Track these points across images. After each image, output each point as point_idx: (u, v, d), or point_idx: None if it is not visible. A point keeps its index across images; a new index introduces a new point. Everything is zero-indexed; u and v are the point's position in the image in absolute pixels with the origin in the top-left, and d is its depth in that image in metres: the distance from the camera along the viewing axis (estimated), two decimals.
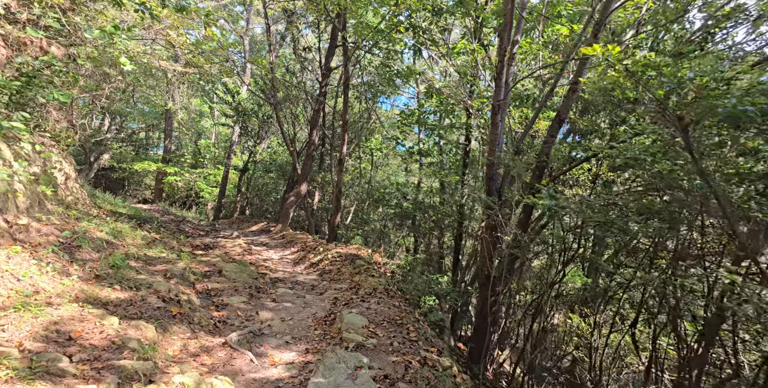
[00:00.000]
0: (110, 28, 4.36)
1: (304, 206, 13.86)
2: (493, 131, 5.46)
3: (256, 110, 14.51)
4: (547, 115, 6.30)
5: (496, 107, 5.36)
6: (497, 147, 5.48)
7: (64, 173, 7.93)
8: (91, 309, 3.65)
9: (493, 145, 5.49)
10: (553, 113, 5.99)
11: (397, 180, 16.94)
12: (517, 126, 6.54)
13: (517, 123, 6.59)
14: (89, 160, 22.01)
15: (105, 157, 23.47)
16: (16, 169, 4.65)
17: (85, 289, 4.00)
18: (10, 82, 4.17)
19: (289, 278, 7.18)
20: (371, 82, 11.41)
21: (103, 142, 22.74)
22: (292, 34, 11.33)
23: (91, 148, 22.18)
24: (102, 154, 22.93)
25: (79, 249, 4.78)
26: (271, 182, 19.55)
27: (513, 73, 5.51)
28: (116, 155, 24.89)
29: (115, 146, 24.24)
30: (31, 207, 4.79)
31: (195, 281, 5.63)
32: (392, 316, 4.98)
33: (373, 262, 7.76)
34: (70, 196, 8.02)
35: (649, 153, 3.13)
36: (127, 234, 6.70)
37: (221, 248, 8.74)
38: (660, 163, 3.04)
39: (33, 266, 3.77)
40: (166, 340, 3.81)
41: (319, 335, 4.72)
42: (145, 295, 4.35)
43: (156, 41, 10.49)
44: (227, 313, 4.99)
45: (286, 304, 5.61)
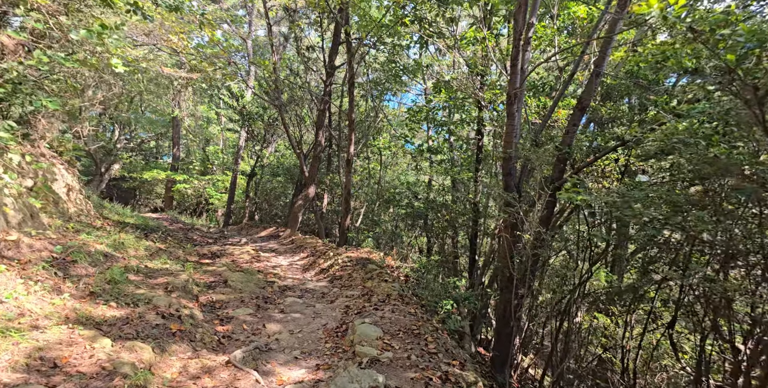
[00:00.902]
0: (97, 28, 4.09)
1: (313, 209, 13.58)
2: (509, 122, 5.06)
3: (261, 113, 14.30)
4: (567, 102, 5.86)
5: (512, 96, 4.95)
6: (514, 139, 5.08)
7: (66, 185, 7.76)
8: (82, 331, 3.37)
9: (509, 138, 5.09)
10: (573, 101, 5.56)
11: (407, 179, 16.57)
12: (534, 116, 6.13)
13: (534, 113, 6.17)
14: (100, 171, 22.11)
15: (115, 167, 23.58)
16: (6, 182, 4.42)
17: (78, 308, 3.73)
18: None
19: (298, 286, 6.88)
20: (377, 80, 11.06)
21: (112, 152, 22.86)
22: (294, 34, 11.07)
23: (102, 159, 22.29)
24: (112, 164, 23.04)
25: (74, 264, 4.53)
26: (279, 186, 19.37)
27: (528, 60, 5.10)
28: (127, 165, 25.02)
29: (125, 156, 24.35)
30: (24, 221, 4.56)
31: (198, 293, 5.35)
32: (408, 325, 4.62)
33: (386, 266, 7.41)
34: (73, 208, 7.84)
35: (701, 135, 2.70)
36: (129, 245, 6.46)
37: (229, 255, 8.49)
38: (717, 146, 2.61)
39: (19, 286, 3.51)
40: (164, 361, 3.51)
41: (331, 348, 4.38)
42: (143, 311, 4.07)
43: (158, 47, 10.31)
44: (232, 327, 4.69)
45: (295, 314, 5.29)
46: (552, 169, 4.92)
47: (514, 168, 5.13)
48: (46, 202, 6.23)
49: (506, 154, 5.07)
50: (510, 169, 5.09)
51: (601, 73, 4.62)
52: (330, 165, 14.95)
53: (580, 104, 4.82)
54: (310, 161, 12.57)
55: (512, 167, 5.10)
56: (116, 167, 23.83)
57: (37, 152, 6.77)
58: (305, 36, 11.86)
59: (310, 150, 14.01)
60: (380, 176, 13.01)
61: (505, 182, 5.08)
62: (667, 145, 3.06)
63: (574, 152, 4.82)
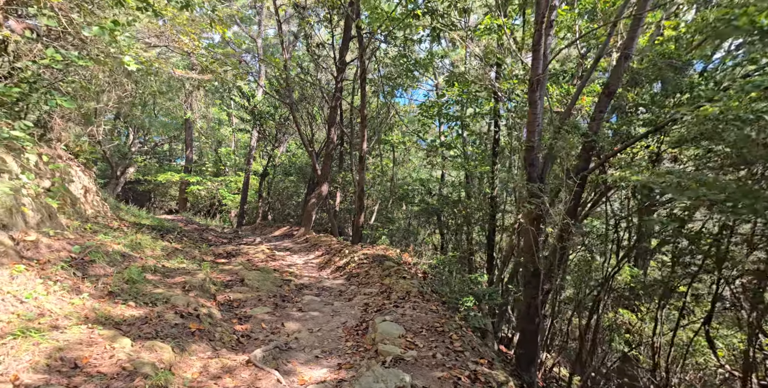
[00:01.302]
0: (110, 25, 4.04)
1: (327, 208, 13.52)
2: (531, 111, 4.87)
3: (272, 113, 14.27)
4: (592, 88, 5.62)
5: (534, 83, 4.76)
6: (537, 128, 4.89)
7: (83, 186, 7.81)
8: (102, 330, 3.32)
9: (532, 127, 4.90)
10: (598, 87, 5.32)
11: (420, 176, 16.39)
12: (556, 105, 5.91)
13: (556, 102, 5.95)
14: (116, 174, 22.43)
15: (131, 170, 23.90)
16: (23, 182, 4.41)
17: (97, 307, 3.68)
18: (9, 88, 3.89)
19: (315, 284, 6.79)
20: (388, 75, 10.92)
21: (127, 156, 23.17)
22: (304, 31, 10.99)
23: (117, 163, 22.60)
24: (127, 167, 23.35)
25: (93, 264, 4.50)
26: (292, 186, 19.38)
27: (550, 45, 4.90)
28: (141, 168, 25.36)
29: (139, 159, 24.66)
30: (42, 222, 4.55)
31: (216, 292, 5.30)
32: (431, 322, 4.49)
33: (403, 262, 7.28)
34: (91, 209, 7.89)
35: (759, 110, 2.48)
36: (146, 246, 6.46)
37: (244, 255, 8.46)
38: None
39: (39, 286, 3.47)
40: (184, 361, 3.44)
41: (352, 347, 4.27)
42: (161, 311, 4.01)
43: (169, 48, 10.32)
44: (251, 326, 4.61)
45: (313, 313, 5.20)
46: (577, 159, 4.71)
47: (537, 158, 4.93)
48: (63, 203, 6.25)
49: (529, 143, 4.88)
50: (533, 159, 4.90)
51: (630, 56, 4.40)
52: (342, 163, 14.87)
53: (607, 89, 4.60)
54: (322, 159, 12.50)
55: (535, 158, 4.91)
56: (131, 171, 24.16)
57: (54, 154, 6.80)
58: (315, 33, 11.78)
59: (322, 148, 13.95)
60: (393, 173, 12.87)
61: (528, 173, 4.89)
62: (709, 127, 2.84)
63: (601, 140, 4.61)
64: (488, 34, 7.02)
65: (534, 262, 4.85)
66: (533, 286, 4.87)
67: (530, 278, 4.91)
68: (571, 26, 6.17)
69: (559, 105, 6.00)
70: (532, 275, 4.88)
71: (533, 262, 4.87)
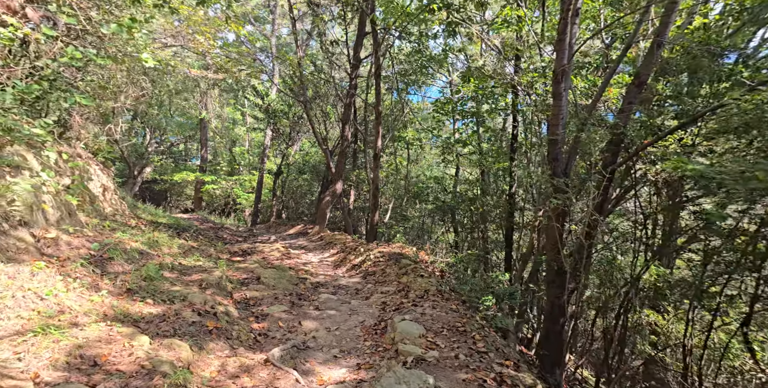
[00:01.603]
0: (127, 22, 4.02)
1: (341, 206, 13.47)
2: (555, 103, 4.68)
3: (286, 111, 14.28)
4: (620, 78, 5.37)
5: (558, 74, 4.58)
6: (561, 121, 4.70)
7: (101, 185, 7.89)
8: (121, 328, 3.29)
9: (556, 120, 4.71)
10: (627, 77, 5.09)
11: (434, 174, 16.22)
12: (581, 98, 5.68)
13: (580, 94, 5.73)
14: (133, 173, 22.83)
15: (147, 170, 24.31)
16: (44, 179, 4.44)
17: (116, 305, 3.66)
18: (30, 87, 3.90)
19: (331, 282, 6.72)
20: (403, 71, 10.78)
21: (144, 155, 23.56)
22: (318, 29, 10.93)
23: (135, 163, 23.01)
24: (144, 167, 23.75)
25: (111, 261, 4.50)
26: (306, 184, 19.41)
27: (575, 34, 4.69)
28: (158, 168, 25.78)
29: (156, 159, 25.07)
30: (62, 219, 4.57)
31: (232, 289, 5.26)
32: (452, 322, 4.36)
33: (420, 261, 7.16)
34: (109, 207, 7.98)
35: None
36: (163, 244, 6.48)
37: (259, 253, 8.45)
38: None
39: (59, 283, 3.46)
40: (202, 359, 3.40)
41: (371, 346, 4.18)
42: (179, 308, 3.98)
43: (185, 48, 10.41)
44: (268, 324, 4.56)
45: (330, 311, 5.12)
46: (604, 153, 4.51)
47: (561, 152, 4.74)
48: (83, 201, 6.30)
49: (553, 137, 4.69)
50: (556, 153, 4.71)
51: (663, 43, 4.18)
52: (356, 161, 14.81)
53: (638, 80, 4.38)
54: (336, 157, 12.44)
55: (559, 152, 4.72)
56: (148, 170, 24.57)
57: (73, 152, 6.87)
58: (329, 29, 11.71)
59: (335, 146, 13.90)
60: (407, 171, 12.74)
61: (551, 168, 4.71)
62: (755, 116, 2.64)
63: (632, 132, 4.39)
64: (506, 27, 6.81)
65: (558, 260, 4.68)
66: (557, 285, 4.70)
67: (554, 277, 4.74)
68: (596, 16, 5.93)
69: (584, 98, 5.77)
70: (557, 273, 4.70)
71: (557, 260, 4.70)
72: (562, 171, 4.71)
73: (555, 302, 4.73)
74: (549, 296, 4.81)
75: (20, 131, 3.82)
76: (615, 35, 6.11)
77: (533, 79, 6.61)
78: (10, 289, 3.06)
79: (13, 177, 3.95)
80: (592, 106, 4.83)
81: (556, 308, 4.67)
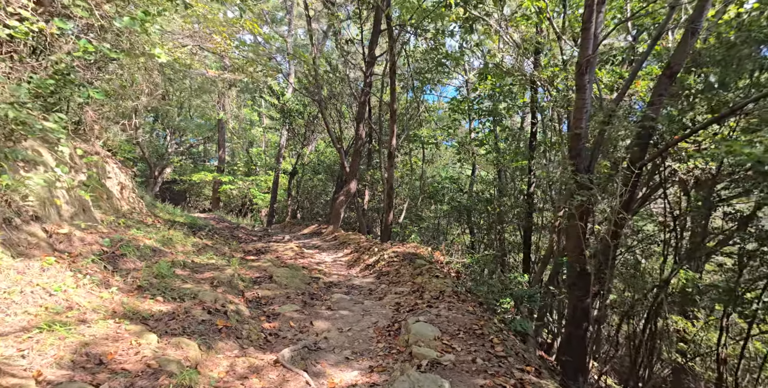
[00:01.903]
0: (140, 15, 3.99)
1: (355, 206, 13.37)
2: (579, 96, 4.44)
3: (301, 111, 14.29)
4: (650, 70, 5.07)
5: (582, 65, 4.33)
6: (584, 115, 4.45)
7: (119, 183, 7.98)
8: (129, 325, 3.22)
9: (579, 113, 4.47)
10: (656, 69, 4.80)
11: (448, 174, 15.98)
12: (606, 92, 5.40)
13: (605, 88, 5.44)
14: (154, 174, 23.30)
15: (167, 171, 24.78)
16: (58, 175, 4.45)
17: (125, 302, 3.61)
18: (44, 81, 3.90)
19: (344, 282, 6.61)
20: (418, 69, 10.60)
21: (164, 156, 24.03)
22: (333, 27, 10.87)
23: (155, 163, 23.48)
24: (165, 168, 24.21)
25: (123, 258, 4.48)
26: (320, 184, 19.41)
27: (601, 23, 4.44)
28: (177, 169, 26.26)
29: (175, 160, 25.54)
30: (76, 215, 4.58)
31: (244, 288, 5.19)
32: (468, 324, 4.17)
33: (435, 261, 6.98)
34: (126, 205, 8.05)
35: None
36: (177, 241, 6.47)
37: (273, 252, 8.40)
38: None
39: (69, 279, 3.43)
40: (210, 359, 3.31)
41: (384, 348, 4.03)
42: (189, 306, 3.91)
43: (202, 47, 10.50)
44: (279, 324, 4.45)
45: (342, 312, 4.99)
46: (632, 148, 4.24)
47: (585, 148, 4.49)
48: (99, 198, 6.36)
49: (576, 131, 4.44)
50: (580, 149, 4.46)
51: (697, 31, 3.90)
52: (370, 161, 14.71)
53: (669, 70, 4.10)
54: (350, 157, 12.36)
55: (582, 147, 4.47)
56: (168, 171, 25.05)
57: (91, 149, 6.95)
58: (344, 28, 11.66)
59: (350, 145, 13.82)
60: (422, 170, 12.56)
61: (574, 164, 4.46)
62: None
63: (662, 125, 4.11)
64: (526, 20, 6.55)
65: (581, 261, 4.43)
66: (580, 287, 4.45)
67: (576, 279, 4.49)
68: (621, 6, 5.63)
69: (609, 91, 5.48)
70: (579, 275, 4.46)
71: (580, 261, 4.45)
72: (585, 167, 4.45)
73: (578, 306, 4.48)
74: (571, 299, 4.56)
75: (33, 126, 3.82)
76: (641, 27, 5.80)
77: (554, 74, 6.34)
78: (19, 284, 3.03)
79: (27, 172, 3.95)
80: (619, 98, 4.55)
81: (579, 312, 4.42)
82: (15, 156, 3.82)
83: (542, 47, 6.86)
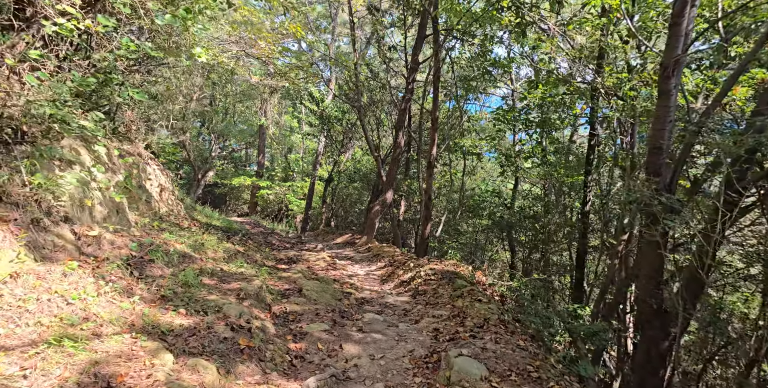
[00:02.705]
0: (182, 13, 3.84)
1: (390, 217, 12.97)
2: (661, 103, 3.81)
3: (340, 117, 14.20)
4: (754, 74, 4.32)
5: (669, 68, 3.71)
6: (667, 126, 3.81)
7: (159, 185, 8.03)
8: (145, 341, 2.95)
9: (660, 124, 3.83)
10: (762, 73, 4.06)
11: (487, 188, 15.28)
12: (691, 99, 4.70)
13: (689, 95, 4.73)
14: (197, 177, 24.13)
15: (210, 174, 25.60)
16: (94, 175, 4.36)
17: (146, 313, 3.36)
18: (86, 79, 3.81)
19: (377, 299, 6.17)
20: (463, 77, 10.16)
21: (208, 160, 24.86)
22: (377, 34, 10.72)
23: (199, 167, 24.32)
24: (208, 171, 25.03)
25: (151, 264, 4.29)
26: (356, 193, 19.21)
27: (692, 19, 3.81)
28: (219, 172, 27.10)
29: (218, 164, 26.39)
30: (108, 217, 4.46)
31: (272, 301, 4.88)
32: (521, 364, 3.60)
33: (477, 282, 6.40)
34: (165, 208, 8.08)
35: None
36: (209, 247, 6.32)
37: (304, 262, 8.12)
38: None
39: (90, 286, 3.23)
40: (229, 385, 2.96)
41: (421, 384, 3.54)
42: (212, 321, 3.62)
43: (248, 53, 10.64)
44: (306, 345, 4.08)
45: (375, 335, 4.55)
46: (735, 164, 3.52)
47: (665, 165, 3.84)
48: (137, 199, 6.33)
49: (656, 144, 3.80)
50: (659, 165, 3.81)
51: None
52: (408, 171, 14.31)
53: None
54: (387, 166, 12.01)
55: (662, 163, 3.82)
56: (210, 174, 25.88)
57: (134, 151, 7.01)
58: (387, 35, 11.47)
59: (387, 154, 13.51)
60: (463, 182, 11.99)
61: (652, 182, 3.81)
62: None
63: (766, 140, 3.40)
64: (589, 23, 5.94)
65: (657, 296, 3.75)
66: (657, 327, 3.77)
67: (652, 317, 3.81)
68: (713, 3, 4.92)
69: (694, 100, 4.76)
70: (655, 313, 3.78)
71: (656, 296, 3.77)
72: (665, 186, 3.80)
73: (653, 350, 3.79)
74: (644, 340, 3.87)
75: (71, 123, 3.71)
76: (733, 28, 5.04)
77: (620, 81, 5.63)
78: (36, 291, 2.84)
79: (62, 171, 3.85)
80: (713, 106, 3.85)
81: (655, 358, 3.72)
82: (51, 154, 3.73)
83: (607, 51, 6.21)
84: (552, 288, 7.57)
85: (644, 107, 5.41)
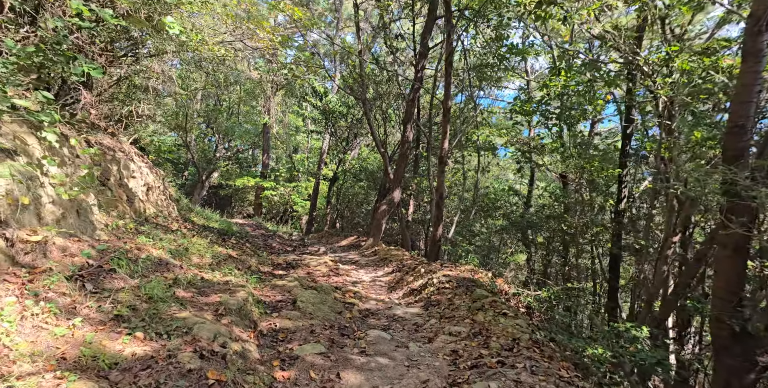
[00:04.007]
0: None
1: (398, 217, 12.18)
2: (748, 67, 2.97)
3: (344, 113, 13.48)
4: None
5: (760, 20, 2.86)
6: (752, 98, 3.00)
7: (145, 183, 7.36)
8: (74, 382, 2.21)
9: (747, 94, 2.98)
10: None
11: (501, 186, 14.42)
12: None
13: None
14: (201, 178, 23.62)
15: (215, 175, 25.09)
16: (45, 168, 3.67)
17: (89, 340, 2.64)
18: (23, 49, 3.11)
19: (383, 311, 5.40)
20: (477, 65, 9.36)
21: (212, 161, 24.34)
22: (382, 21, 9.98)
23: (204, 168, 23.83)
24: (212, 172, 24.51)
25: (112, 274, 3.57)
26: (362, 192, 18.46)
27: None
28: (224, 173, 26.58)
29: (222, 165, 25.88)
30: (63, 219, 3.76)
31: (259, 316, 4.14)
32: None
33: (499, 291, 5.60)
34: (152, 208, 7.41)
35: None
36: (194, 252, 5.61)
37: (304, 267, 7.39)
38: None
39: (10, 307, 2.51)
40: None
41: None
42: (176, 347, 2.88)
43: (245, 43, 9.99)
44: (296, 373, 3.32)
45: (380, 359, 3.78)
46: None
47: (747, 147, 3.03)
48: (116, 199, 5.66)
49: (737, 122, 2.99)
50: (741, 148, 2.99)
51: None
52: (416, 168, 13.52)
53: None
54: (394, 163, 11.25)
55: (744, 146, 3.01)
56: (215, 175, 25.36)
57: (114, 145, 6.35)
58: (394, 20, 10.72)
59: (394, 151, 12.75)
60: (477, 180, 11.17)
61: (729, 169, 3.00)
62: None
63: None
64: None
65: (738, 316, 2.94)
66: (737, 354, 2.96)
67: (730, 342, 3.00)
68: None
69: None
70: (735, 336, 2.97)
71: (737, 315, 2.96)
72: (748, 176, 2.98)
73: (734, 383, 2.98)
74: (722, 369, 3.06)
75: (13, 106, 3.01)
76: None
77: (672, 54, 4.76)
78: None
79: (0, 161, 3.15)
80: None
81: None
82: None
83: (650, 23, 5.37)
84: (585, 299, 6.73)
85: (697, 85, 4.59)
